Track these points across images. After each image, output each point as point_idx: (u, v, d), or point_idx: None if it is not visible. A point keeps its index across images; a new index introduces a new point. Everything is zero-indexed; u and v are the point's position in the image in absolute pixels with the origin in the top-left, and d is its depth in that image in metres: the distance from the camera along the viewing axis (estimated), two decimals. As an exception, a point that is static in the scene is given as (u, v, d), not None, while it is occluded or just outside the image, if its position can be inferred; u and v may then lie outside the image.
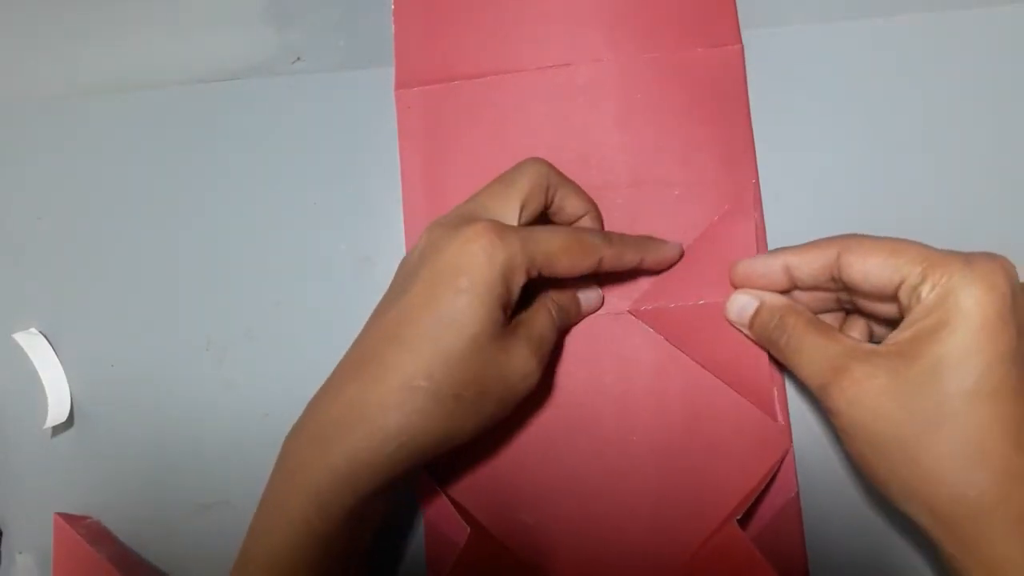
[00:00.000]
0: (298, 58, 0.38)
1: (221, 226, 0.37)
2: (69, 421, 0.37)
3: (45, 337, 0.38)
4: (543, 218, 0.30)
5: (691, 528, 0.31)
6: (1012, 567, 0.24)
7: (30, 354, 0.37)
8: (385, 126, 0.36)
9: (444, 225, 0.28)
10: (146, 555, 0.36)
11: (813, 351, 0.28)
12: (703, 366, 0.32)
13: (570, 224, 0.31)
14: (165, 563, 0.36)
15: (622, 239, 0.30)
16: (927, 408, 0.24)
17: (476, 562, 0.30)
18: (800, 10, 0.34)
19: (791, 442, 0.31)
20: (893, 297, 0.26)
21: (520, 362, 0.28)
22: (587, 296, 0.33)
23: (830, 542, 0.31)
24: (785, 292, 0.30)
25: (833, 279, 0.28)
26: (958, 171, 0.32)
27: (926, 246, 0.26)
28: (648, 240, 0.31)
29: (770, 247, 0.32)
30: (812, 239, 0.32)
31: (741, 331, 0.31)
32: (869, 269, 0.27)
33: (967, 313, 0.24)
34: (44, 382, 0.37)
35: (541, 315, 0.30)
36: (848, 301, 0.30)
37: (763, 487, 0.30)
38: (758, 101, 0.33)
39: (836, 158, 0.33)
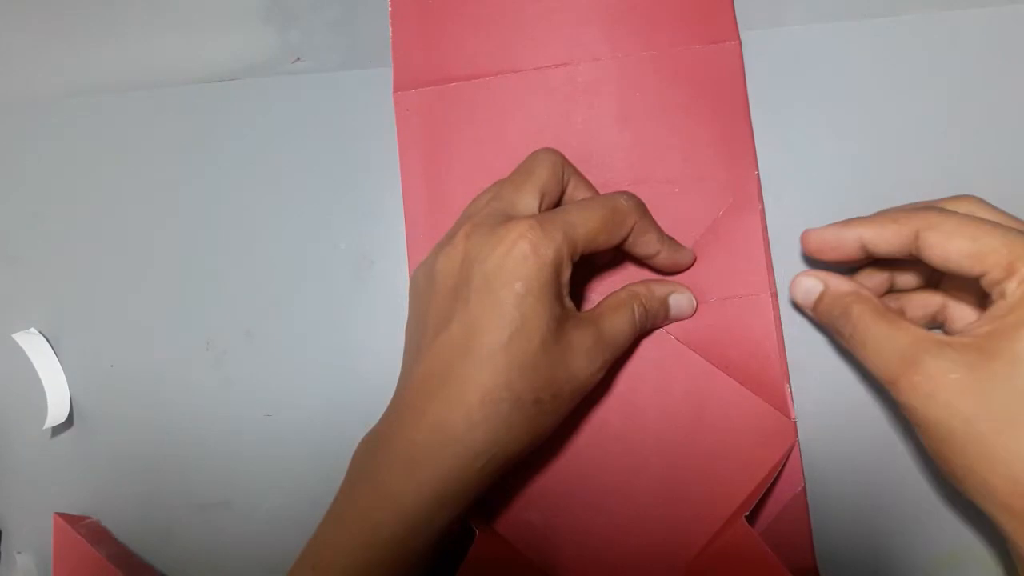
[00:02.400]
0: (298, 58, 0.38)
1: (221, 226, 0.37)
2: (69, 421, 0.37)
3: (45, 337, 0.38)
4: (558, 205, 0.30)
5: (699, 524, 0.31)
6: None
7: (30, 354, 0.37)
8: (385, 126, 0.36)
9: (480, 228, 0.28)
10: (146, 555, 0.36)
11: (881, 342, 0.27)
12: (712, 363, 0.32)
13: None
14: (164, 563, 0.36)
15: (651, 216, 0.30)
16: (1007, 405, 0.24)
17: (484, 563, 0.30)
18: (799, 10, 0.34)
19: (797, 436, 0.31)
20: (974, 283, 0.26)
21: (587, 361, 0.28)
22: (678, 300, 0.32)
23: (837, 536, 0.31)
24: (857, 264, 0.30)
25: (911, 255, 0.27)
26: (958, 170, 0.32)
27: (1011, 232, 0.25)
28: (669, 237, 0.31)
29: (771, 244, 0.32)
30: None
31: (805, 313, 0.31)
32: (950, 254, 0.26)
33: None
34: (44, 382, 0.37)
35: (621, 315, 0.30)
36: (926, 277, 0.29)
37: (770, 482, 0.30)
38: (758, 101, 0.33)
39: (836, 157, 0.33)
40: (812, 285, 0.30)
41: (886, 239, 0.28)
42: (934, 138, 0.33)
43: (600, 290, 0.33)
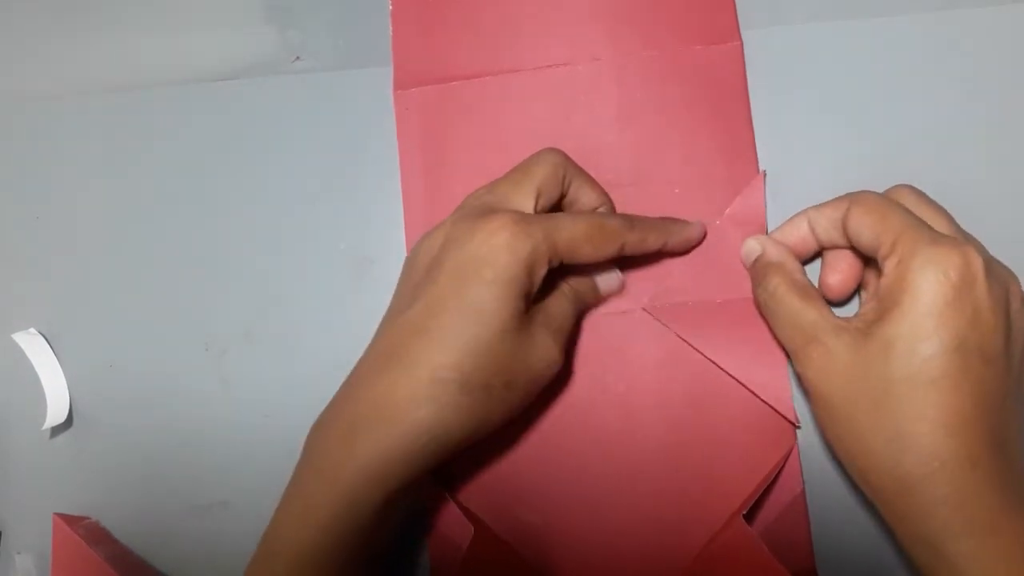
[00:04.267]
0: (298, 57, 0.38)
1: (220, 226, 0.37)
2: (68, 422, 0.37)
3: (44, 338, 0.38)
4: (557, 208, 0.31)
5: (697, 525, 0.31)
6: (933, 545, 0.24)
7: (29, 355, 0.37)
8: (385, 125, 0.36)
9: (466, 217, 0.28)
10: (145, 555, 0.36)
11: (789, 315, 0.28)
12: (717, 363, 0.32)
13: None
14: (164, 564, 0.36)
15: (644, 222, 0.30)
16: (874, 387, 0.25)
17: (481, 563, 0.30)
18: (800, 9, 0.34)
19: (796, 437, 0.31)
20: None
21: (543, 351, 0.28)
22: (605, 280, 0.32)
23: (836, 538, 0.31)
24: (816, 253, 0.31)
25: (844, 235, 0.28)
26: (958, 169, 0.32)
27: (911, 217, 0.26)
28: (671, 222, 0.31)
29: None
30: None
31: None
32: (861, 229, 0.27)
33: (918, 296, 0.25)
34: (43, 383, 0.37)
35: (559, 301, 0.30)
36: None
37: (769, 482, 0.30)
38: (758, 100, 0.33)
39: (836, 157, 0.33)
40: (752, 247, 0.31)
41: (827, 217, 0.29)
42: (934, 138, 0.33)
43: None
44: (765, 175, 0.33)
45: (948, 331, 0.24)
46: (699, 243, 0.32)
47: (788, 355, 0.29)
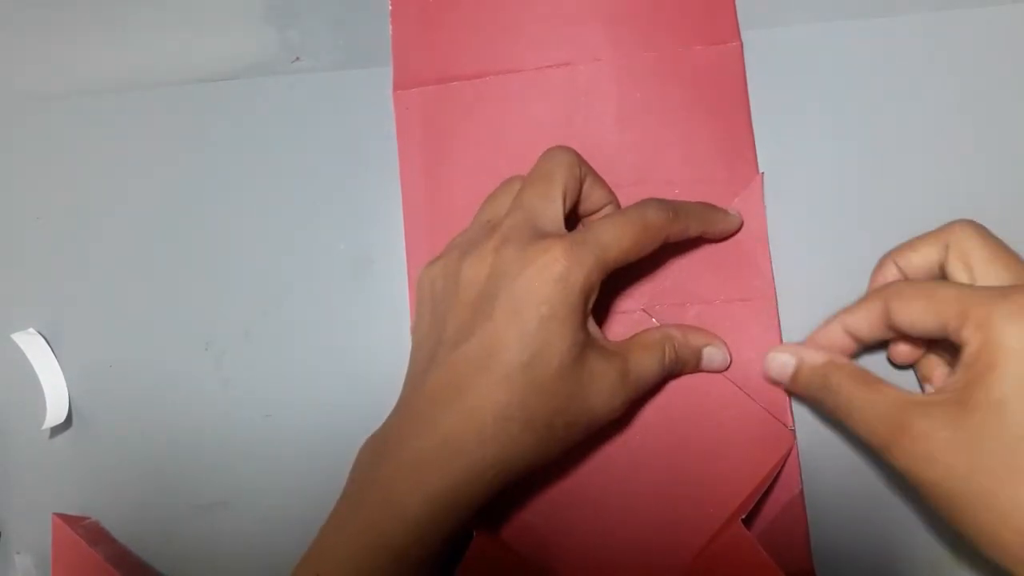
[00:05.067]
0: (297, 57, 0.38)
1: (220, 226, 0.37)
2: (67, 422, 0.37)
3: (44, 338, 0.38)
4: (575, 206, 0.30)
5: (696, 527, 0.31)
6: None
7: (28, 355, 0.37)
8: (385, 125, 0.36)
9: (511, 243, 0.27)
10: (145, 555, 0.36)
11: (865, 410, 0.27)
12: None
13: (593, 213, 0.31)
14: (164, 564, 0.36)
15: (685, 211, 0.30)
16: (998, 455, 0.23)
17: (482, 563, 0.30)
18: (801, 10, 0.34)
19: (795, 439, 0.31)
20: (946, 340, 0.26)
21: (607, 397, 0.28)
22: (711, 353, 0.31)
23: (834, 539, 0.31)
24: (856, 354, 0.30)
25: (891, 329, 0.28)
26: (958, 169, 0.32)
27: (963, 287, 0.26)
28: (709, 209, 0.31)
29: (771, 245, 0.32)
30: (811, 238, 0.32)
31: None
32: (914, 318, 0.26)
33: (1011, 351, 0.24)
34: (42, 383, 0.37)
35: (651, 355, 0.29)
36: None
37: (767, 485, 0.30)
38: (757, 101, 0.33)
39: (836, 157, 0.33)
40: (786, 360, 0.30)
41: (863, 319, 0.28)
42: (934, 137, 0.33)
43: (622, 305, 0.33)
44: (764, 176, 0.33)
45: None
46: (736, 233, 0.32)
47: (876, 453, 0.27)
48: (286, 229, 0.37)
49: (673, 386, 0.32)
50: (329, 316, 0.36)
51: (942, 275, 0.28)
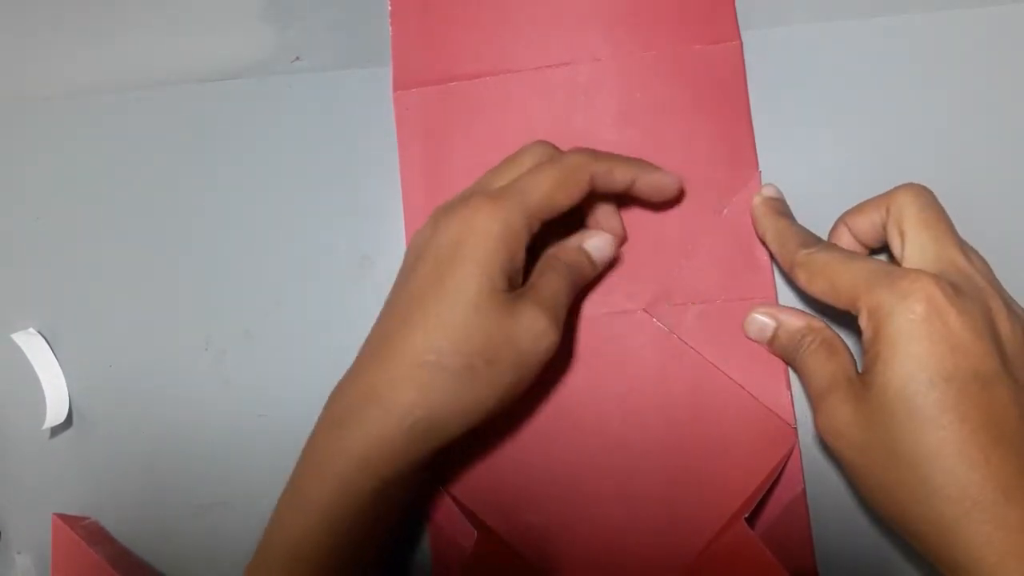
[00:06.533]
0: (297, 57, 0.37)
1: (220, 226, 0.37)
2: (67, 422, 0.37)
3: (44, 337, 0.38)
4: None
5: (698, 526, 0.31)
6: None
7: (28, 355, 0.37)
8: (384, 125, 0.36)
9: (446, 207, 0.29)
10: (145, 555, 0.36)
11: (813, 376, 0.28)
12: (714, 364, 0.32)
13: None
14: (163, 564, 0.36)
15: (609, 155, 0.30)
16: (883, 438, 0.25)
17: (484, 564, 0.30)
18: (801, 9, 0.34)
19: (797, 438, 0.31)
20: None
21: (528, 322, 0.27)
22: (594, 244, 0.31)
23: (837, 537, 0.31)
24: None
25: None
26: (958, 169, 0.32)
27: (861, 268, 0.26)
28: (640, 160, 0.31)
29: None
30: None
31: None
32: (821, 294, 0.28)
33: (892, 341, 0.24)
34: (42, 383, 0.37)
35: (547, 275, 0.29)
36: None
37: (769, 483, 0.30)
38: (757, 100, 0.33)
39: (836, 157, 0.33)
40: (765, 323, 0.31)
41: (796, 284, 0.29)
42: (934, 138, 0.33)
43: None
44: (762, 175, 0.33)
45: (932, 367, 0.24)
46: (675, 197, 0.32)
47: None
48: (286, 229, 0.37)
49: (675, 384, 0.32)
50: (329, 316, 0.36)
51: (885, 236, 0.29)
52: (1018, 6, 0.33)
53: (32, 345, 0.37)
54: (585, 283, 0.32)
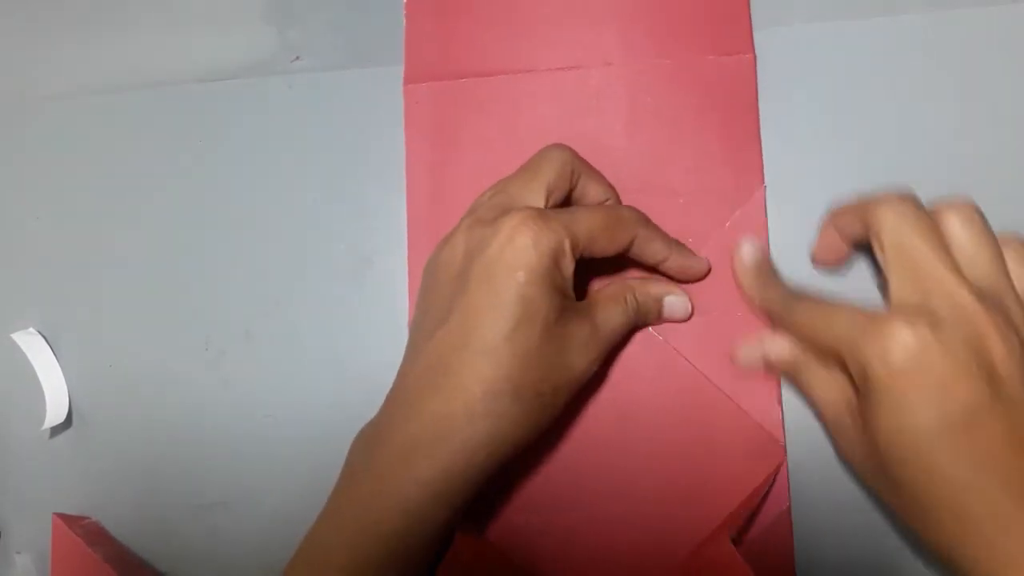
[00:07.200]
0: (297, 57, 0.37)
1: (220, 226, 0.37)
2: (67, 422, 0.37)
3: (43, 337, 0.38)
4: (567, 204, 0.30)
5: (682, 536, 0.31)
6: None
7: (28, 354, 0.37)
8: (385, 125, 0.36)
9: (481, 221, 0.27)
10: (145, 555, 0.36)
11: (817, 395, 0.29)
12: (708, 376, 0.32)
13: None
14: (163, 563, 0.36)
15: (657, 228, 0.30)
16: (892, 479, 0.25)
17: (465, 561, 0.30)
18: (801, 9, 0.34)
19: (785, 454, 0.31)
20: None
21: (581, 354, 0.28)
22: (672, 301, 0.31)
23: (820, 557, 0.31)
24: None
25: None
26: (961, 171, 0.32)
27: (845, 318, 0.26)
28: (680, 244, 0.31)
29: (774, 254, 0.32)
30: (814, 243, 0.32)
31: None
32: (813, 337, 0.28)
33: (879, 397, 0.25)
34: (42, 382, 0.37)
35: (614, 307, 0.29)
36: None
37: (758, 499, 0.30)
38: (763, 102, 0.33)
39: (838, 158, 0.33)
40: (754, 357, 0.31)
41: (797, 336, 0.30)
42: (936, 138, 0.33)
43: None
44: (766, 190, 0.32)
45: (918, 414, 0.24)
46: (699, 279, 0.32)
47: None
48: (286, 229, 0.37)
49: (667, 394, 0.32)
50: (329, 316, 0.36)
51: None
52: (1018, 6, 0.33)
53: (32, 345, 0.37)
54: (642, 328, 0.32)
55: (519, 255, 0.26)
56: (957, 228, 0.26)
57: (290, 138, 0.37)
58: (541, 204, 0.28)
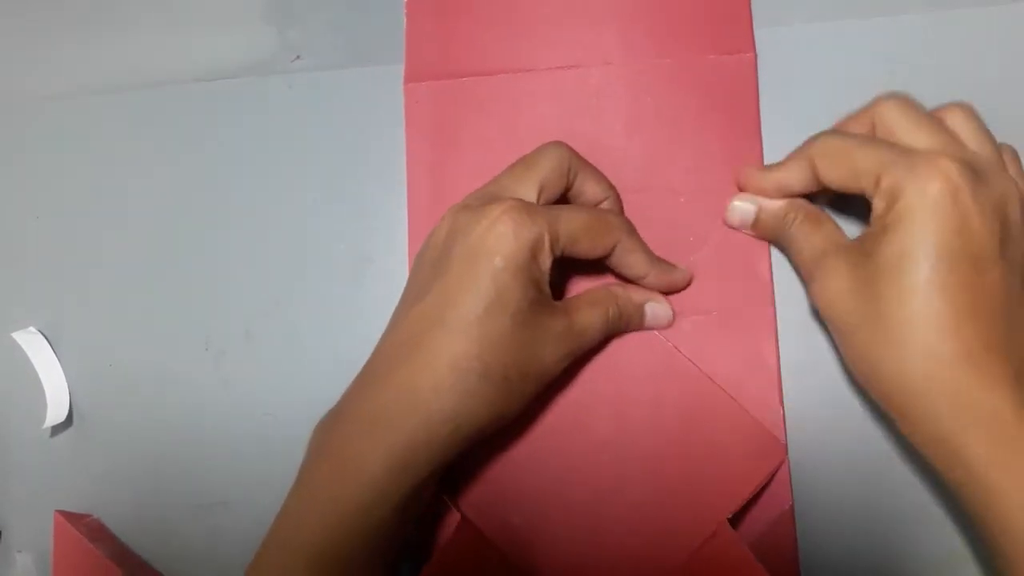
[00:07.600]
0: (297, 57, 0.37)
1: (220, 225, 0.37)
2: (68, 420, 0.37)
3: (44, 336, 0.38)
4: (563, 201, 0.30)
5: (683, 535, 0.31)
6: (945, 444, 0.25)
7: (29, 353, 0.37)
8: (385, 124, 0.36)
9: (469, 208, 0.28)
10: (145, 553, 0.36)
11: (803, 247, 0.30)
12: (710, 376, 0.32)
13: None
14: (164, 562, 0.36)
15: (642, 243, 0.30)
16: (874, 302, 0.26)
17: (460, 555, 0.30)
18: (801, 9, 0.34)
19: (786, 453, 0.31)
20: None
21: (552, 348, 0.28)
22: (655, 309, 0.32)
23: (823, 556, 0.31)
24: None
25: (819, 184, 0.29)
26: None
27: (878, 150, 0.27)
28: (663, 261, 0.31)
29: (773, 254, 0.32)
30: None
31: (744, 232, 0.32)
32: (835, 178, 0.28)
33: (902, 218, 0.25)
34: (43, 381, 0.37)
35: (595, 312, 0.30)
36: None
37: (754, 495, 0.30)
38: (763, 102, 0.33)
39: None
40: (747, 208, 0.31)
41: (796, 176, 0.30)
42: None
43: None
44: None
45: (931, 244, 0.25)
46: (679, 290, 0.32)
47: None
48: (286, 229, 0.37)
49: (668, 393, 0.32)
50: (329, 316, 0.36)
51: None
52: (1018, 6, 0.33)
53: (33, 344, 0.37)
54: (621, 335, 0.32)
55: (499, 241, 0.26)
56: (960, 120, 0.28)
57: (290, 138, 0.37)
58: (532, 198, 0.29)
